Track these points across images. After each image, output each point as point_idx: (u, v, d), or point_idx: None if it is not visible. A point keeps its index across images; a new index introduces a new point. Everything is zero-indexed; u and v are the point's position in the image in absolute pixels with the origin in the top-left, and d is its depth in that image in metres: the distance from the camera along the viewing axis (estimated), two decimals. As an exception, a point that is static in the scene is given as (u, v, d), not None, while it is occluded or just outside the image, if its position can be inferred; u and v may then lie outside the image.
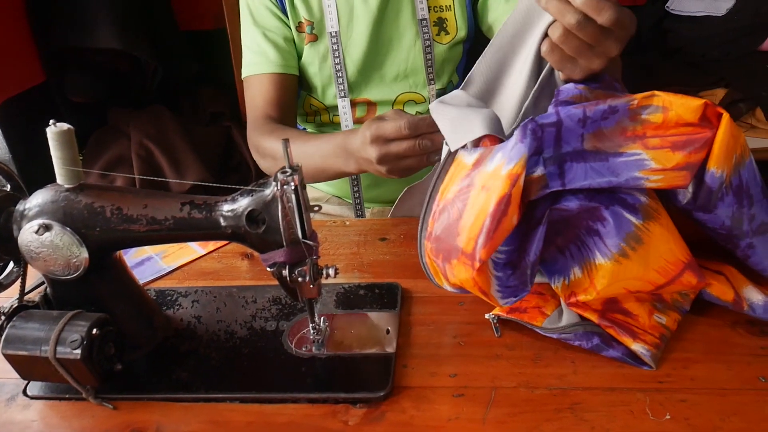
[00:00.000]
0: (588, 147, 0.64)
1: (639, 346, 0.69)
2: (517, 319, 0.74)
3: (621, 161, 0.64)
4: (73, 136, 0.67)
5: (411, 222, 1.01)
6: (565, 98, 0.68)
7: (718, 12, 1.80)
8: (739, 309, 0.72)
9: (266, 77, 1.14)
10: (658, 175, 0.64)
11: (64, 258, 0.68)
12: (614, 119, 0.65)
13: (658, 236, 0.67)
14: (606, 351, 0.70)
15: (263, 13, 1.14)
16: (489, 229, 0.62)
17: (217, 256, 0.96)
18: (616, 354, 0.70)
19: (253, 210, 0.67)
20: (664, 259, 0.67)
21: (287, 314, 0.80)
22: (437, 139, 0.78)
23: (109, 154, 1.87)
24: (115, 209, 0.68)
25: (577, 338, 0.71)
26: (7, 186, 0.75)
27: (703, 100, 0.64)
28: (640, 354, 0.68)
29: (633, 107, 0.64)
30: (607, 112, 0.65)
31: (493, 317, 0.75)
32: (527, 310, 0.75)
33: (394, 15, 1.12)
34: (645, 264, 0.67)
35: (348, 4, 1.11)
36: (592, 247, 0.68)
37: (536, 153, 0.63)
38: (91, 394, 0.68)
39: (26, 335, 0.66)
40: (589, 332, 0.70)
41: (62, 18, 1.89)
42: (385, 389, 0.66)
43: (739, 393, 0.65)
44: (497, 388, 0.67)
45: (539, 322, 0.73)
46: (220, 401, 0.68)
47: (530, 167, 0.63)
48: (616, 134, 0.65)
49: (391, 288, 0.83)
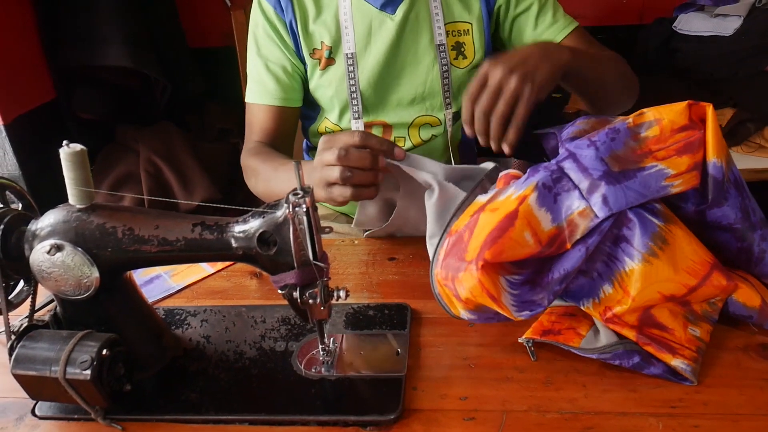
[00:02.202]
0: (615, 169, 0.68)
1: (679, 361, 0.68)
2: (553, 341, 0.73)
3: (646, 175, 0.68)
4: (85, 157, 0.67)
5: (420, 242, 1.01)
6: (568, 136, 0.73)
7: (726, 32, 1.80)
8: (763, 318, 0.72)
9: (264, 108, 1.17)
10: (678, 180, 0.68)
11: (75, 278, 0.68)
12: (620, 140, 0.69)
13: (681, 237, 0.69)
14: (647, 369, 0.69)
15: (267, 44, 1.15)
16: (493, 236, 0.65)
17: (226, 275, 0.96)
18: (657, 371, 0.69)
19: (264, 232, 0.67)
20: (691, 259, 0.68)
21: (296, 335, 0.80)
22: (381, 160, 0.85)
23: (118, 170, 1.88)
24: (127, 230, 0.68)
25: (618, 357, 0.70)
26: (19, 205, 0.75)
27: (685, 102, 0.69)
28: (680, 370, 0.68)
29: (630, 126, 0.70)
30: (611, 133, 0.70)
31: (527, 341, 0.74)
32: (561, 332, 0.74)
33: (412, 39, 1.12)
34: (674, 264, 0.68)
35: (366, 26, 1.11)
36: (621, 257, 0.69)
37: (564, 189, 0.68)
38: (100, 414, 0.68)
39: (36, 355, 0.66)
40: (629, 350, 0.70)
41: (72, 36, 1.91)
42: (395, 412, 0.66)
43: (752, 418, 0.64)
44: (508, 412, 0.66)
45: (576, 343, 0.72)
46: (229, 423, 0.68)
47: (570, 206, 0.68)
48: (629, 154, 0.69)
49: (401, 308, 0.83)
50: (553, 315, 0.77)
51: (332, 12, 1.12)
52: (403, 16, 1.10)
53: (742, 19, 1.80)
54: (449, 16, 1.13)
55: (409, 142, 1.18)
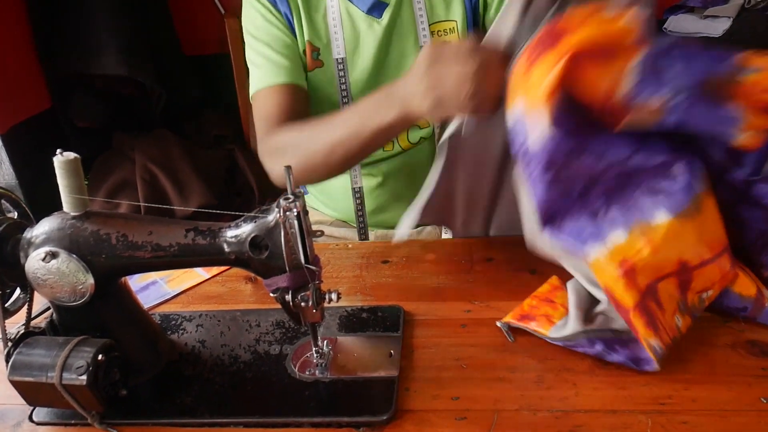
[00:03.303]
0: (704, 89, 0.66)
1: (656, 342, 0.70)
2: (526, 326, 0.76)
3: (723, 114, 0.66)
4: (79, 165, 0.68)
5: (413, 244, 1.02)
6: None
7: (715, 33, 1.81)
8: (757, 310, 0.74)
9: (277, 88, 1.07)
10: (745, 134, 0.67)
11: (71, 285, 0.69)
12: (723, 68, 0.66)
13: (711, 209, 0.70)
14: (610, 356, 0.71)
15: (269, 29, 1.11)
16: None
17: (221, 280, 0.97)
18: (619, 358, 0.71)
19: (256, 236, 0.68)
20: (713, 232, 0.70)
21: (291, 338, 0.81)
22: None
23: (114, 178, 1.89)
24: (121, 236, 0.69)
25: (580, 345, 0.72)
26: (14, 213, 0.76)
27: None
28: (653, 349, 0.69)
29: (738, 63, 0.66)
30: (719, 57, 0.66)
31: (503, 324, 0.78)
32: (536, 318, 0.77)
33: (397, 40, 1.13)
34: (700, 232, 0.69)
35: (354, 31, 1.12)
36: (651, 208, 0.69)
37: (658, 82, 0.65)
38: (96, 419, 0.68)
39: (32, 361, 0.67)
40: (592, 338, 0.71)
41: (68, 44, 1.92)
42: (388, 413, 0.67)
43: (740, 414, 0.65)
44: (499, 411, 0.67)
45: (546, 330, 0.75)
46: (224, 426, 0.69)
47: (648, 93, 0.65)
48: (723, 85, 0.66)
49: (394, 311, 0.84)
50: (535, 299, 0.81)
51: (321, 14, 1.11)
52: (389, 20, 1.10)
53: (732, 20, 1.81)
54: (433, 16, 1.13)
55: (398, 146, 1.18)
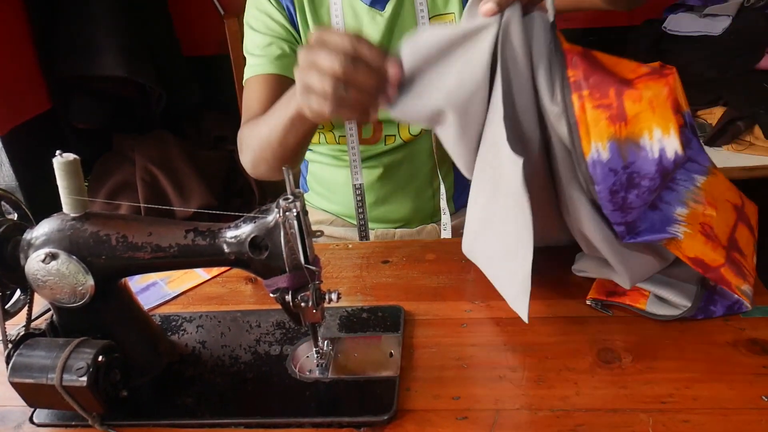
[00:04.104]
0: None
1: (746, 287, 0.73)
2: (620, 302, 0.78)
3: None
4: (78, 166, 0.68)
5: (413, 244, 1.02)
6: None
7: (715, 31, 1.81)
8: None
9: (265, 78, 1.10)
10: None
11: (71, 286, 0.69)
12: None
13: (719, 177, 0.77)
14: (712, 313, 0.76)
15: (269, 22, 1.12)
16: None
17: (221, 281, 0.97)
18: (721, 311, 0.76)
19: (256, 236, 0.68)
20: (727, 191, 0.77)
21: (291, 338, 0.80)
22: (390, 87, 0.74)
23: (114, 179, 1.89)
24: (120, 237, 0.69)
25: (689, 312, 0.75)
26: (14, 215, 0.76)
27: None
28: (745, 293, 0.73)
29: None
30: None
31: (593, 302, 0.79)
32: (626, 293, 0.78)
33: (400, 34, 1.13)
34: (724, 182, 0.77)
35: (357, 23, 1.12)
36: (687, 177, 0.73)
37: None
38: (96, 421, 0.68)
39: (33, 363, 0.67)
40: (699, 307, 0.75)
41: (67, 46, 1.92)
42: (388, 413, 0.67)
43: (741, 413, 0.65)
44: (500, 411, 0.67)
45: (642, 305, 0.76)
46: (225, 427, 0.68)
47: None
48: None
49: (394, 311, 0.84)
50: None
51: (325, 7, 1.11)
52: (392, 12, 1.10)
53: (731, 18, 1.81)
54: (433, 9, 1.13)
55: (399, 138, 1.18)
